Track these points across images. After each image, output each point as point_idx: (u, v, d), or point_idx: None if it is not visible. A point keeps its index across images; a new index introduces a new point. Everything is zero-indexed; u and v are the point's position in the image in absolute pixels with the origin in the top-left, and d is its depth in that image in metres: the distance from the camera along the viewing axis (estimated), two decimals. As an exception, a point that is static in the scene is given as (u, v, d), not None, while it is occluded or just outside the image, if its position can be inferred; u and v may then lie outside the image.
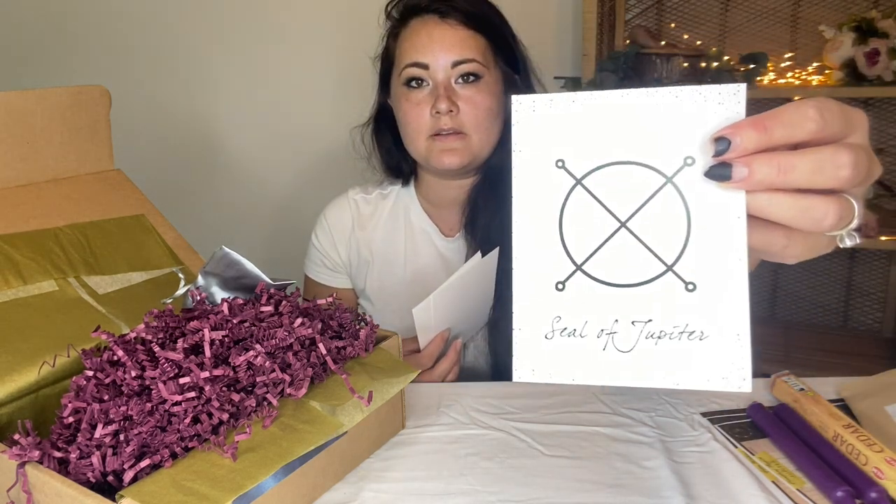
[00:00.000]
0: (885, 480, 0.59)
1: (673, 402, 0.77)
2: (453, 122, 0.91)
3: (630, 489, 0.62)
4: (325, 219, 1.09)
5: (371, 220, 1.07)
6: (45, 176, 0.81)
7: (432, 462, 0.67)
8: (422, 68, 0.92)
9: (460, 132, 0.92)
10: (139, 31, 2.06)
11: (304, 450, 0.53)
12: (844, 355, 1.55)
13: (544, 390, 0.81)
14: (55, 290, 0.70)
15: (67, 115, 0.83)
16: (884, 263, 1.64)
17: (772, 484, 0.63)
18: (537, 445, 0.69)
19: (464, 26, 0.91)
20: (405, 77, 0.94)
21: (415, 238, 1.04)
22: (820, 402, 0.71)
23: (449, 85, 0.92)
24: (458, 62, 0.91)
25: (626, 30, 1.71)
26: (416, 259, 1.03)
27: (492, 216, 0.96)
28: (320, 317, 0.67)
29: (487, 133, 0.94)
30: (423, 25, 0.93)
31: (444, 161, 0.93)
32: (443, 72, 0.91)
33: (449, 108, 0.90)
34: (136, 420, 0.52)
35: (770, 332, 1.67)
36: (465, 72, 0.91)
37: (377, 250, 1.05)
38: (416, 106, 0.93)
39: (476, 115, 0.92)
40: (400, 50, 0.95)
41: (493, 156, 0.98)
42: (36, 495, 0.50)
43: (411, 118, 0.94)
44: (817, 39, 1.52)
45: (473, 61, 0.91)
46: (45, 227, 0.76)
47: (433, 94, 0.92)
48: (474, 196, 0.99)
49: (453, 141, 0.92)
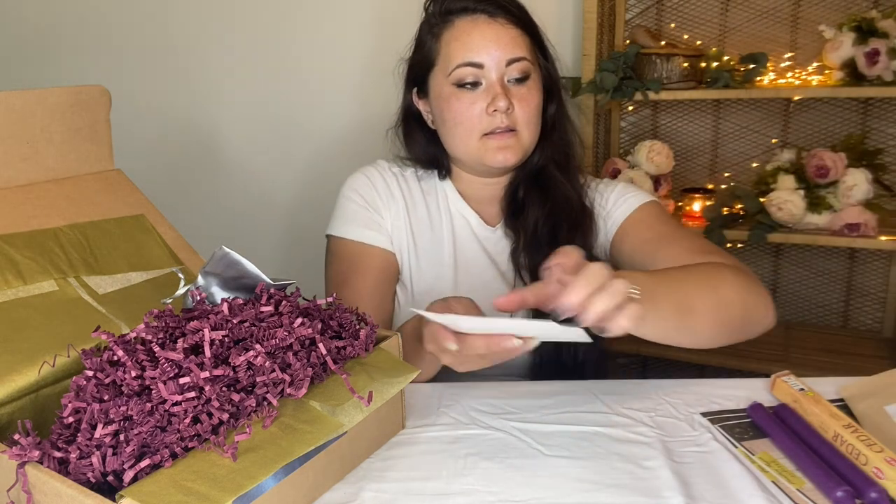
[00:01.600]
0: (884, 480, 0.59)
1: (673, 402, 0.77)
2: (510, 119, 0.93)
3: (630, 489, 0.62)
4: (368, 177, 1.04)
5: (412, 196, 1.04)
6: (45, 176, 0.81)
7: (432, 462, 0.67)
8: (476, 67, 0.93)
9: (513, 129, 0.94)
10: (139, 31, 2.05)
11: (304, 450, 0.53)
12: (844, 355, 1.55)
13: (544, 390, 0.81)
14: (55, 291, 0.70)
15: (68, 115, 0.83)
16: (884, 263, 1.64)
17: (772, 484, 0.63)
18: (537, 445, 0.69)
19: (513, 25, 0.93)
20: (457, 77, 0.93)
21: (454, 224, 1.03)
22: (820, 402, 0.71)
23: (504, 83, 0.93)
24: (512, 60, 0.92)
25: (626, 30, 1.70)
26: (458, 245, 1.02)
27: (538, 211, 0.97)
28: (320, 317, 0.67)
29: (535, 129, 0.96)
30: (475, 25, 0.93)
31: (498, 158, 0.94)
32: (497, 71, 0.92)
33: (507, 107, 0.92)
34: (136, 420, 0.52)
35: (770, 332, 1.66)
36: (519, 69, 0.93)
37: (419, 232, 1.03)
38: (471, 105, 0.93)
39: (528, 112, 0.94)
40: (447, 50, 0.95)
41: (533, 153, 1.00)
42: (36, 495, 0.50)
43: (464, 118, 0.94)
44: (817, 39, 1.52)
45: (525, 59, 0.93)
46: (45, 227, 0.76)
47: (489, 92, 0.93)
48: (514, 190, 1.01)
49: (508, 138, 0.94)
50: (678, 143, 1.74)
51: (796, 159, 1.53)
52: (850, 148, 1.49)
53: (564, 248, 0.64)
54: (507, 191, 1.02)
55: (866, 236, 1.41)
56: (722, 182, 1.72)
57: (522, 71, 0.93)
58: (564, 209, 0.97)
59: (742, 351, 1.58)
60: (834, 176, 1.44)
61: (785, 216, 1.45)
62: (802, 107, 1.62)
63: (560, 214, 0.97)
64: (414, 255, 1.02)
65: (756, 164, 1.68)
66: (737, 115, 1.69)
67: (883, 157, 1.54)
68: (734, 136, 1.70)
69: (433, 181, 1.06)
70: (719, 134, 1.72)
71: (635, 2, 1.71)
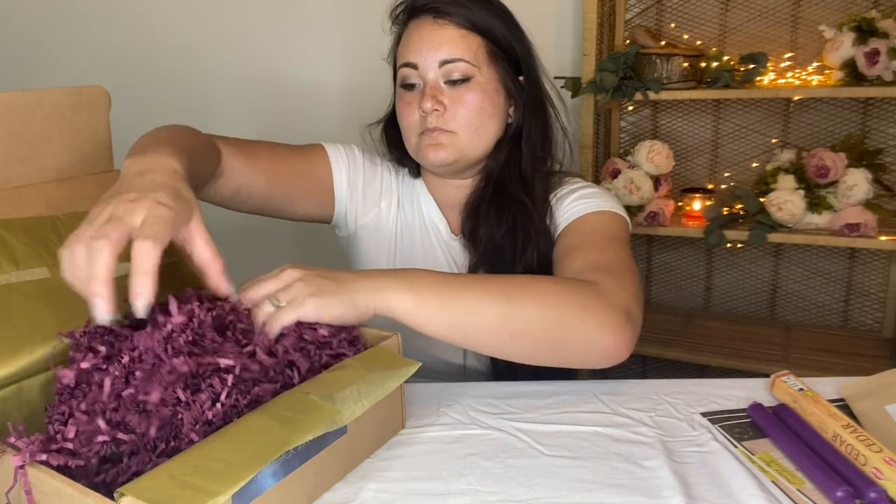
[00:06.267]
0: (884, 481, 0.59)
1: (673, 402, 0.77)
2: (439, 120, 0.92)
3: (630, 489, 0.62)
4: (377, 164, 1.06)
5: (402, 194, 1.06)
6: (44, 177, 0.81)
7: (432, 462, 0.67)
8: (412, 68, 0.93)
9: (447, 130, 0.93)
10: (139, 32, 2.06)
11: (302, 438, 0.53)
12: (844, 355, 1.55)
13: (544, 390, 0.81)
14: (47, 278, 0.70)
15: (67, 116, 0.83)
16: (884, 263, 1.64)
17: (772, 484, 0.63)
18: (537, 445, 0.69)
19: (455, 26, 0.92)
20: (399, 78, 0.96)
21: (427, 228, 1.04)
22: (819, 402, 0.71)
23: (436, 84, 0.92)
24: (445, 61, 0.92)
25: (626, 30, 1.71)
26: (427, 251, 1.03)
27: (493, 229, 0.95)
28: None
29: (478, 132, 0.94)
30: (417, 27, 0.94)
31: (429, 156, 0.94)
32: (431, 71, 0.92)
33: (434, 108, 0.91)
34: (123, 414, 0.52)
35: (770, 332, 1.67)
36: (453, 71, 0.92)
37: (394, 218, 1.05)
38: (409, 105, 0.95)
39: (465, 113, 0.92)
40: (398, 52, 0.97)
41: (490, 159, 0.97)
42: (36, 495, 0.50)
43: (404, 117, 0.96)
44: (817, 39, 1.52)
45: (462, 61, 0.91)
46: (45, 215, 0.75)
47: (421, 93, 0.93)
48: (474, 201, 0.99)
49: (439, 136, 0.93)
50: (678, 143, 1.74)
51: (796, 159, 1.53)
52: (850, 148, 1.49)
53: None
54: (467, 200, 1.00)
55: (866, 236, 1.41)
56: (722, 182, 1.72)
57: (461, 72, 0.92)
58: (522, 229, 0.94)
59: (742, 351, 1.58)
60: (834, 176, 1.44)
61: (785, 216, 1.45)
62: (802, 107, 1.62)
63: (516, 235, 0.94)
64: (393, 253, 1.04)
65: (756, 164, 1.68)
66: (737, 115, 1.69)
67: (883, 157, 1.54)
68: (734, 136, 1.70)
69: (409, 181, 1.07)
70: (719, 134, 1.72)
71: (635, 2, 1.71)
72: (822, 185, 1.46)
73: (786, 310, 1.75)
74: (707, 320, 1.76)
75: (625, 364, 0.75)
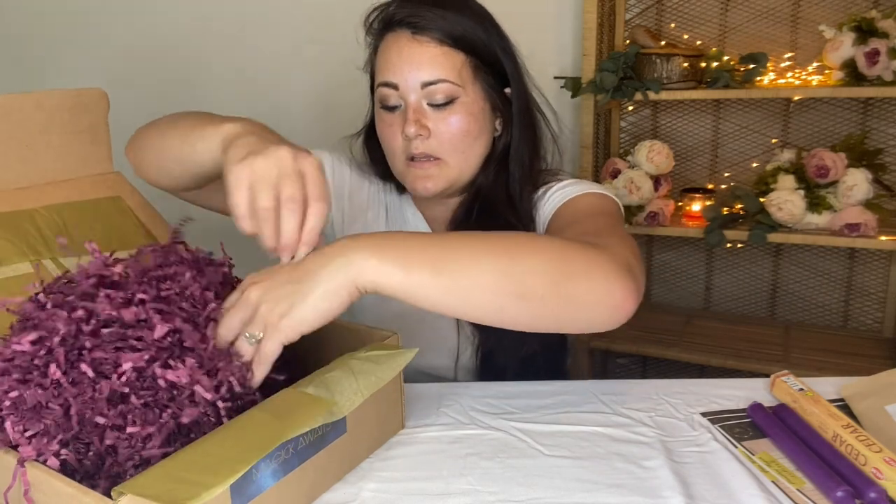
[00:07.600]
0: (883, 481, 0.59)
1: (673, 402, 0.77)
2: (425, 146, 0.87)
3: (630, 489, 0.62)
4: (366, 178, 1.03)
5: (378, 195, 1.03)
6: (44, 178, 0.81)
7: (432, 462, 0.67)
8: (392, 88, 0.88)
9: (436, 157, 0.88)
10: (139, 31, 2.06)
11: (297, 430, 0.53)
12: (844, 355, 1.55)
13: (544, 390, 0.81)
14: (30, 273, 0.70)
15: (66, 118, 0.83)
16: (884, 263, 1.64)
17: (772, 484, 0.63)
18: (537, 445, 0.69)
19: (437, 43, 0.86)
20: (379, 97, 0.90)
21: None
22: (819, 402, 0.71)
23: (419, 107, 0.87)
24: (428, 83, 0.86)
25: (626, 30, 1.70)
26: None
27: None
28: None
29: (465, 155, 0.90)
30: (395, 42, 0.87)
31: (417, 188, 0.90)
32: (413, 93, 0.87)
33: (418, 133, 0.87)
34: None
35: (770, 332, 1.67)
36: (435, 93, 0.86)
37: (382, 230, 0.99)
38: (390, 127, 0.90)
39: (451, 138, 0.88)
40: (376, 66, 0.91)
41: (479, 175, 0.94)
42: (35, 494, 0.50)
43: (387, 140, 0.91)
44: (817, 39, 1.52)
45: (445, 81, 0.86)
46: (22, 209, 0.75)
47: (403, 116, 0.88)
48: (462, 218, 0.95)
49: (429, 167, 0.89)
50: (678, 143, 1.74)
51: (796, 159, 1.53)
52: (850, 148, 1.49)
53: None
54: (454, 216, 0.97)
55: (866, 236, 1.41)
56: (722, 182, 1.72)
57: (445, 94, 0.86)
58: None
59: (742, 351, 1.58)
60: (834, 176, 1.44)
61: (785, 216, 1.45)
62: (802, 107, 1.62)
63: None
64: None
65: (756, 164, 1.68)
66: (737, 115, 1.69)
67: (883, 157, 1.53)
68: (734, 136, 1.70)
69: (394, 196, 1.03)
70: (719, 134, 1.72)
71: (635, 2, 1.71)
72: (822, 185, 1.46)
73: (786, 310, 1.75)
74: (707, 320, 1.76)
75: (625, 364, 0.75)
